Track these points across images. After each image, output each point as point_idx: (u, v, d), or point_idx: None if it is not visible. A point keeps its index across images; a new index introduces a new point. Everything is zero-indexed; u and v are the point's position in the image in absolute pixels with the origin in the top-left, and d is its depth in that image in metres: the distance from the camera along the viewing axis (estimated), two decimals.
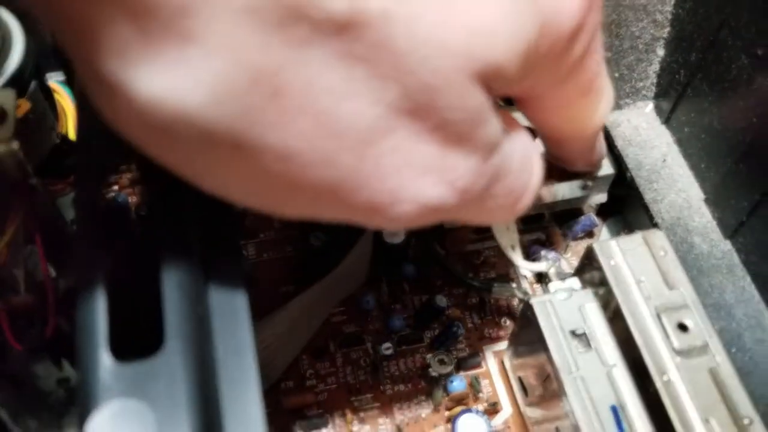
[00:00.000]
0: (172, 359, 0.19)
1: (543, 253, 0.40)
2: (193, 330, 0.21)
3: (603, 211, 0.43)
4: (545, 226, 0.42)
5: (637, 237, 0.34)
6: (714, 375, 0.29)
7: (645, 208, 0.37)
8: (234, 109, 0.15)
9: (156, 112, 0.15)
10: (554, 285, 0.33)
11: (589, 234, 0.42)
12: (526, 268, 0.35)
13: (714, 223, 0.36)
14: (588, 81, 0.22)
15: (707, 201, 0.36)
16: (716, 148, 0.35)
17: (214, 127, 0.15)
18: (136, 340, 0.20)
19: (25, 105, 0.36)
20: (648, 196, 0.37)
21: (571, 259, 0.42)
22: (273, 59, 0.15)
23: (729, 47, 0.33)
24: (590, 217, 0.41)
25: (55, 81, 0.43)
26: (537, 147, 0.24)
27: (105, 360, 0.19)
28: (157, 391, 0.18)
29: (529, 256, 0.41)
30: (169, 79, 0.15)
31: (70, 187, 0.40)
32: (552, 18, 0.19)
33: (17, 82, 0.36)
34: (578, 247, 0.42)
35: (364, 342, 0.37)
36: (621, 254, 0.33)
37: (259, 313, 0.36)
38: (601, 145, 0.34)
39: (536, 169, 0.24)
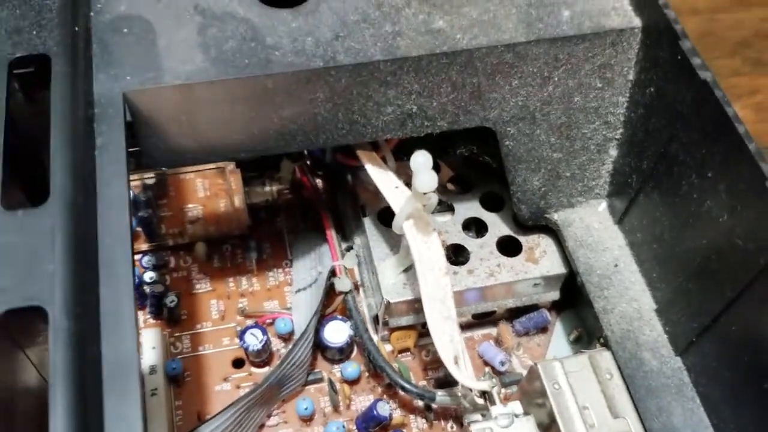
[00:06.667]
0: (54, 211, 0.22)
1: (493, 353, 0.39)
2: (76, 189, 0.23)
3: (557, 305, 0.42)
4: (496, 322, 0.41)
5: (582, 358, 0.33)
6: None
7: (595, 318, 0.35)
8: None
9: None
10: (496, 409, 0.32)
11: (543, 329, 0.41)
12: (468, 386, 0.33)
13: (665, 337, 0.34)
14: None
15: (659, 312, 0.35)
16: (668, 260, 0.34)
17: None
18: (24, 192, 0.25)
19: None
20: (598, 305, 0.35)
21: (522, 356, 0.41)
22: None
23: (680, 162, 0.32)
24: (542, 313, 0.40)
25: None
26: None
27: None
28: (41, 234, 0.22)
29: (479, 355, 0.40)
30: None
31: None
32: None
33: None
34: (530, 344, 0.41)
35: None
36: (565, 377, 0.32)
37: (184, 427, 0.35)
38: None
39: None
